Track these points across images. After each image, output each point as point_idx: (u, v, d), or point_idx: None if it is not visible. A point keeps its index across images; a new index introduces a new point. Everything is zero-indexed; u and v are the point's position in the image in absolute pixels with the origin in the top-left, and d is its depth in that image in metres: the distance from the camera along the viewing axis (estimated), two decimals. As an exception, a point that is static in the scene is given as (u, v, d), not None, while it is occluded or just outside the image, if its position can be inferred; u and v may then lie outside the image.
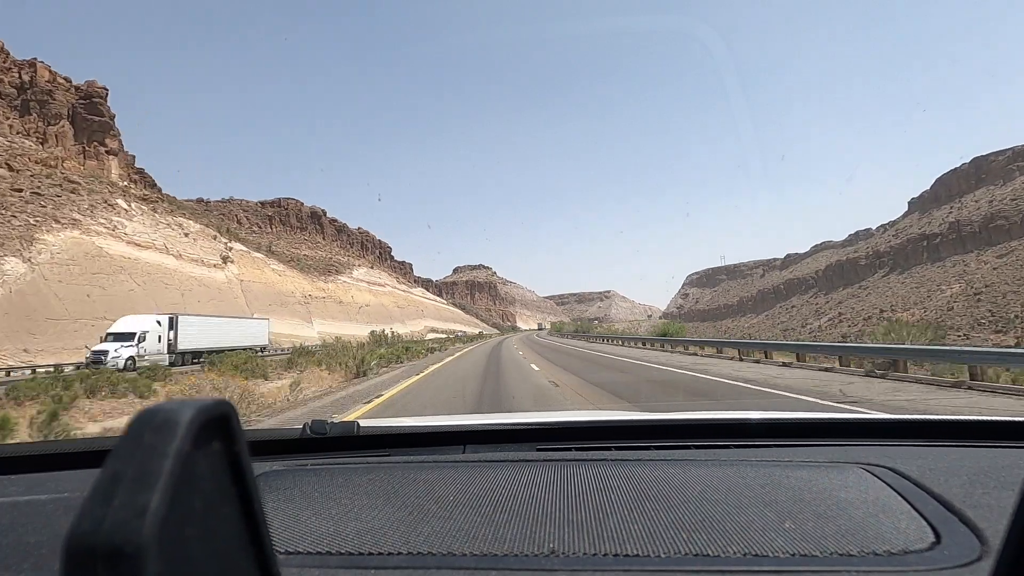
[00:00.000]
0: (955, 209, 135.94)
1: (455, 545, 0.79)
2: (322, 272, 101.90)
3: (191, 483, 0.34)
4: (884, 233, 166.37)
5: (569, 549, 0.77)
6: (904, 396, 9.41)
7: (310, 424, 1.39)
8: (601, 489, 0.98)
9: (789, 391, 10.54)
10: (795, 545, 0.76)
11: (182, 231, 67.72)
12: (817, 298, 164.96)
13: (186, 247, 65.66)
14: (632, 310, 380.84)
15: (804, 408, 8.21)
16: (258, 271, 78.17)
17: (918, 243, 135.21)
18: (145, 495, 0.31)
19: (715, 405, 9.49)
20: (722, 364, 17.73)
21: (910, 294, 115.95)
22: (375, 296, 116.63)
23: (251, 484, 0.39)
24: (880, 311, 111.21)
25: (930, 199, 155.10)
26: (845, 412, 1.58)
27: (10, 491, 1.07)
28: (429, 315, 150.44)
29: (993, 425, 1.35)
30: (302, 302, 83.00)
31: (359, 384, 15.95)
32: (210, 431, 0.37)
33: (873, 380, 11.90)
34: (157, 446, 0.34)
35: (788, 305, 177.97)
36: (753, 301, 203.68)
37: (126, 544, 0.29)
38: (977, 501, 0.86)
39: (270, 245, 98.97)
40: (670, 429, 1.48)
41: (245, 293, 70.03)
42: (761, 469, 1.06)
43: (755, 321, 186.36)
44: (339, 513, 0.91)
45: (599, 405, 9.84)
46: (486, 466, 1.15)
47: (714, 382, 12.62)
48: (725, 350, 22.44)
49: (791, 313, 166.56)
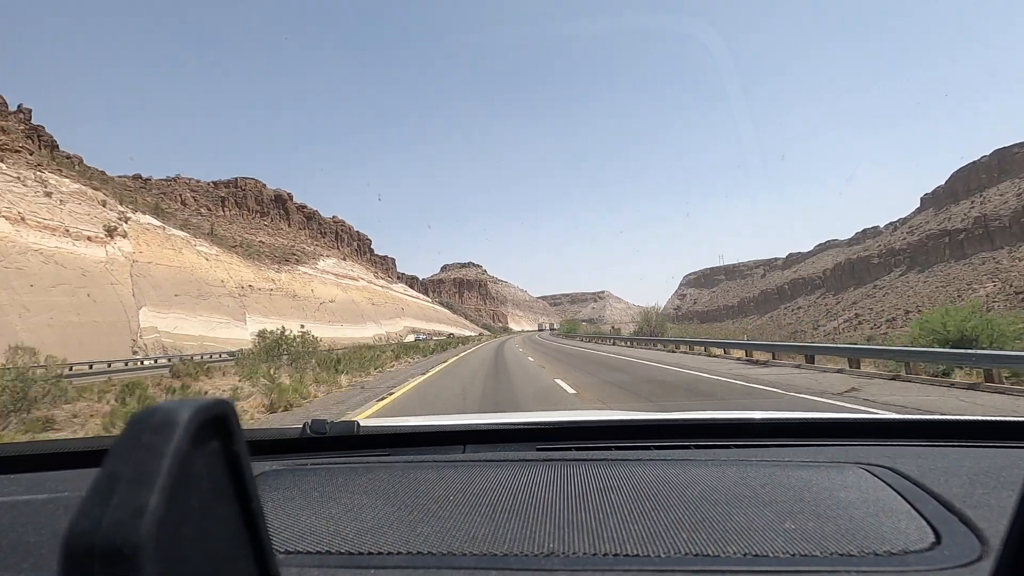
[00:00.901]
0: (977, 204, 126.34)
1: (455, 545, 0.79)
2: (277, 260, 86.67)
3: (189, 483, 0.34)
4: (895, 231, 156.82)
5: (569, 549, 0.77)
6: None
7: (310, 423, 1.40)
8: (601, 489, 0.98)
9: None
10: (795, 545, 0.75)
11: (43, 189, 47.65)
12: (825, 298, 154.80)
13: (40, 209, 45.62)
14: (627, 311, 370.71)
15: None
16: (170, 251, 59.40)
17: (939, 240, 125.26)
18: (143, 495, 0.31)
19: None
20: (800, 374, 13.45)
21: (936, 294, 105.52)
22: (344, 291, 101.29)
23: (250, 483, 0.39)
24: (905, 312, 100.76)
25: (945, 194, 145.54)
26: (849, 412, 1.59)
27: (10, 491, 1.07)
28: (411, 314, 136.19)
29: (993, 425, 1.35)
30: (234, 294, 64.68)
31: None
32: (208, 430, 0.37)
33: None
34: (155, 446, 0.33)
35: (793, 306, 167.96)
36: (755, 302, 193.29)
37: (124, 544, 0.29)
38: (977, 501, 0.85)
39: (212, 227, 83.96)
40: (670, 429, 1.48)
41: (136, 278, 50.34)
42: (761, 469, 1.06)
43: (758, 323, 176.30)
44: (339, 513, 0.91)
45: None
46: (486, 466, 1.15)
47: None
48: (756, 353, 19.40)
49: (797, 314, 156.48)
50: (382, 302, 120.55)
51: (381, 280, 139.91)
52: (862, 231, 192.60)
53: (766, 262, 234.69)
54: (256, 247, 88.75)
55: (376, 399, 11.83)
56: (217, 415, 0.38)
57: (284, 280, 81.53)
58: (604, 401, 10.03)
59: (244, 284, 70.26)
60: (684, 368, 15.91)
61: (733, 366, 16.19)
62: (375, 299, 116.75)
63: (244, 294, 68.18)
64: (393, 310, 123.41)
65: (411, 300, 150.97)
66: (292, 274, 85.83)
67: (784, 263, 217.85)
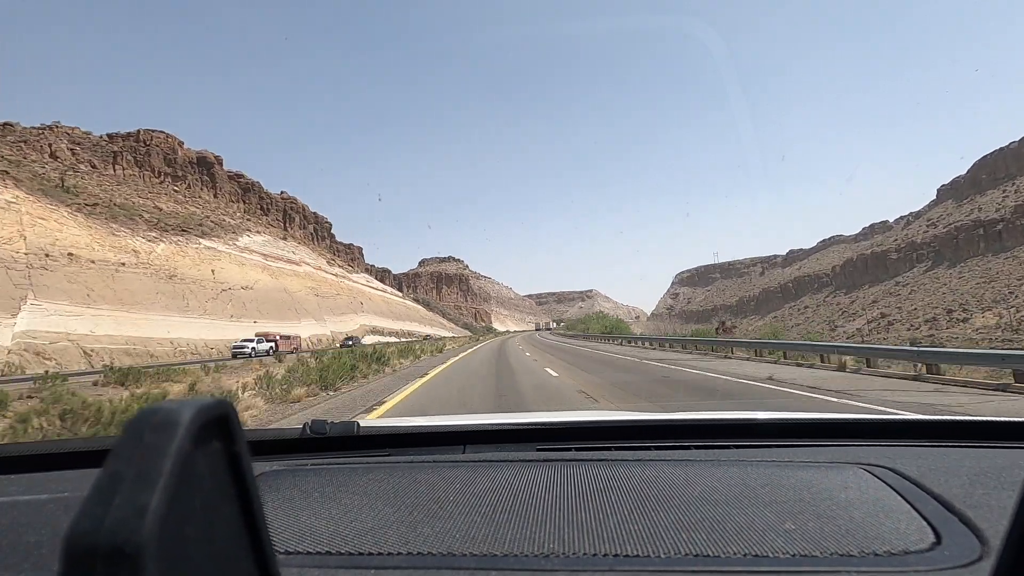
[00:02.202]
0: (1010, 193, 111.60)
1: (455, 545, 0.79)
2: (170, 230, 63.98)
3: (191, 483, 0.34)
4: (909, 225, 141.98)
5: (569, 549, 0.77)
6: None
7: (310, 424, 1.40)
8: (601, 489, 0.98)
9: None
10: (795, 545, 0.75)
11: None
12: (836, 297, 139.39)
13: None
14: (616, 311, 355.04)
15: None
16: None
17: (971, 232, 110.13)
18: (145, 494, 0.31)
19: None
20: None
21: (977, 290, 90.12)
22: (274, 276, 79.87)
23: (251, 484, 0.39)
24: (947, 311, 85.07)
25: (967, 185, 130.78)
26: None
27: (10, 491, 1.06)
28: (373, 310, 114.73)
29: (993, 425, 1.34)
30: (14, 263, 36.53)
31: None
32: (210, 431, 0.37)
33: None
34: (157, 445, 0.33)
35: (799, 305, 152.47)
36: (756, 301, 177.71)
37: (126, 543, 0.29)
38: (977, 501, 0.85)
39: (63, 179, 61.54)
40: (670, 429, 1.48)
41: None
42: (761, 469, 1.05)
43: (760, 323, 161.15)
44: (339, 513, 0.91)
45: None
46: (486, 466, 1.15)
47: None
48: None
49: (805, 314, 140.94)
50: (332, 294, 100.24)
51: (337, 268, 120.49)
52: (869, 226, 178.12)
53: (765, 259, 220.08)
54: (140, 211, 66.47)
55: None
56: (218, 415, 0.38)
57: (161, 254, 57.97)
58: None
59: (58, 250, 42.14)
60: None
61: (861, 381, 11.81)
62: (322, 290, 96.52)
63: (45, 266, 39.71)
64: (347, 304, 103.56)
65: (375, 294, 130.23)
66: (182, 247, 62.92)
67: (784, 260, 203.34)
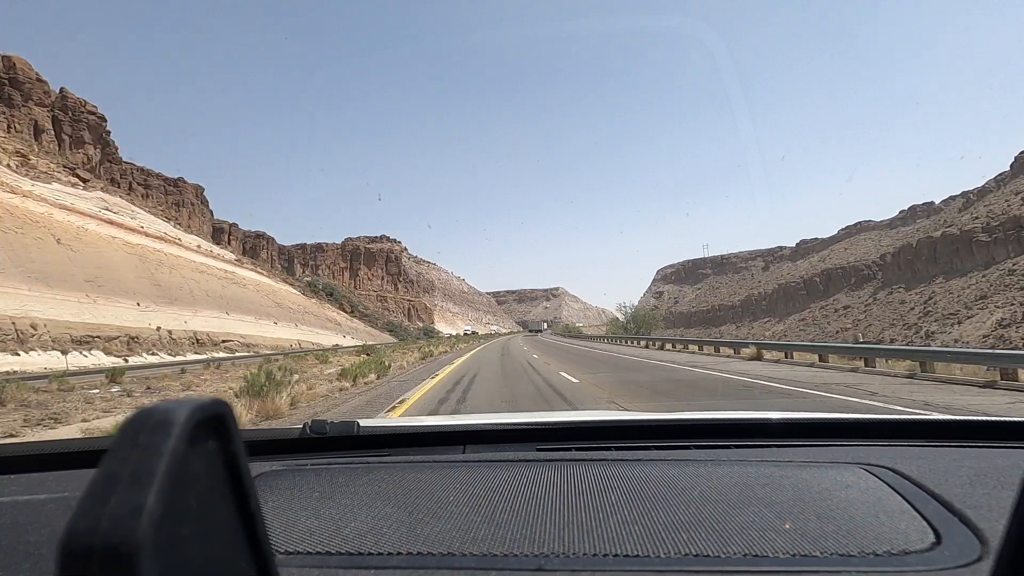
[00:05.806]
0: None
1: (455, 545, 0.79)
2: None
3: (187, 482, 0.34)
4: (970, 205, 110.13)
5: (569, 549, 0.77)
6: None
7: (310, 424, 1.41)
8: (601, 489, 0.97)
9: None
10: (795, 545, 0.75)
11: None
12: (891, 294, 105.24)
13: None
14: (585, 312, 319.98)
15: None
16: None
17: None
18: (141, 494, 0.31)
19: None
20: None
21: None
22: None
23: (248, 483, 0.39)
24: None
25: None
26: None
27: (10, 491, 1.06)
28: (204, 301, 58.44)
29: (993, 425, 1.35)
30: None
31: None
32: (205, 430, 0.37)
33: None
34: (152, 445, 0.33)
35: (834, 304, 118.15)
36: (768, 300, 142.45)
37: (122, 543, 0.29)
38: (977, 501, 0.85)
39: None
40: (670, 429, 1.49)
41: None
42: (761, 469, 1.05)
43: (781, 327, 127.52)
44: (339, 513, 0.91)
45: None
46: (486, 466, 1.15)
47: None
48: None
49: (848, 315, 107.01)
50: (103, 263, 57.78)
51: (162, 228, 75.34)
52: (908, 208, 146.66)
53: (767, 252, 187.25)
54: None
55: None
56: (214, 415, 0.37)
57: None
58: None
59: None
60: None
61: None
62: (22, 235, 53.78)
63: None
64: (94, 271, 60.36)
65: (216, 267, 67.39)
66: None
67: (795, 252, 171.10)
